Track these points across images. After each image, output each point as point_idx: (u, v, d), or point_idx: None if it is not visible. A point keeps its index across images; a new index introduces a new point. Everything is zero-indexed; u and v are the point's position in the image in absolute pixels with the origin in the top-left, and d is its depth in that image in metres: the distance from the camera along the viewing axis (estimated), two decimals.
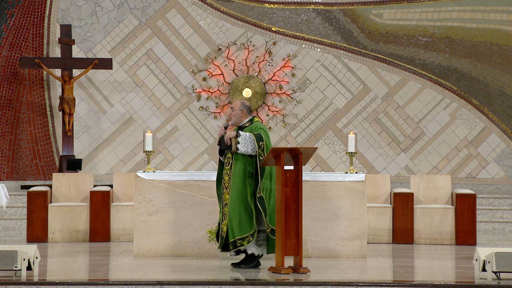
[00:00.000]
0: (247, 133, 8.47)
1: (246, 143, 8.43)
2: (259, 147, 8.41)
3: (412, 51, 15.18)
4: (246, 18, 15.22)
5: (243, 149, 8.43)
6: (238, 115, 8.62)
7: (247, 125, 8.61)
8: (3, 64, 14.79)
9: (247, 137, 8.43)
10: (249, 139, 8.43)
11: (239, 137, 8.44)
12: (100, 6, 15.12)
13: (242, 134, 8.45)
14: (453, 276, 8.43)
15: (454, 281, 7.86)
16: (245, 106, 8.65)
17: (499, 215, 13.08)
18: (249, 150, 8.42)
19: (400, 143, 15.14)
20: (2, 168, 14.70)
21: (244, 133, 8.47)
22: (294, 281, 7.62)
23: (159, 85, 15.16)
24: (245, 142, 8.42)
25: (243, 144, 8.43)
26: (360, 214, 9.54)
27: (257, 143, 8.41)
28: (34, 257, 7.70)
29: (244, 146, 8.42)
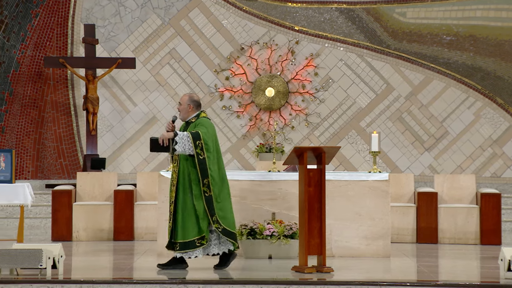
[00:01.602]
0: (185, 133, 8.13)
1: (183, 143, 8.09)
2: (195, 146, 8.08)
3: (436, 50, 15.10)
4: (269, 17, 15.22)
5: (180, 149, 8.08)
6: (185, 110, 8.29)
7: (193, 121, 8.27)
8: (28, 63, 14.90)
9: (184, 137, 8.09)
10: (186, 139, 8.09)
11: (176, 136, 8.10)
12: (124, 6, 15.18)
13: (179, 134, 8.11)
14: (478, 276, 8.38)
15: (479, 281, 7.81)
16: (192, 101, 8.30)
17: None
18: (186, 150, 8.09)
19: (424, 142, 15.07)
20: (27, 167, 14.81)
21: (182, 133, 8.13)
22: (318, 280, 7.60)
23: (182, 84, 15.19)
24: (183, 142, 8.09)
25: (180, 144, 8.08)
26: (383, 214, 9.51)
27: (194, 142, 8.07)
28: (59, 255, 7.74)
29: (181, 146, 8.08)
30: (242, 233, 9.14)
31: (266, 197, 9.51)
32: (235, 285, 7.38)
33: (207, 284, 7.39)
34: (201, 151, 8.12)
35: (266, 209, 9.46)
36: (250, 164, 15.05)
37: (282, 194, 9.50)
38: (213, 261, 8.60)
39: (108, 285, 7.34)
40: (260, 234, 9.11)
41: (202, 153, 8.13)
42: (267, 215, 9.41)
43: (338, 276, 7.89)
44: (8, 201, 9.43)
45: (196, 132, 8.14)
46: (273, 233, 9.09)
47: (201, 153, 8.13)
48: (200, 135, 8.13)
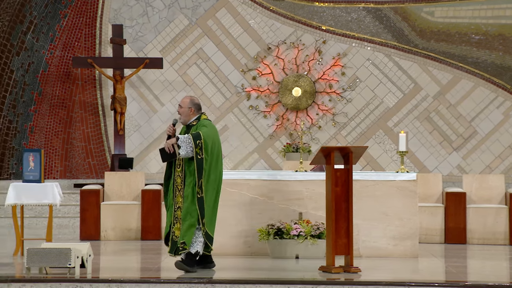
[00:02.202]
0: (186, 135, 8.02)
1: (186, 146, 7.97)
2: (196, 145, 7.95)
3: (464, 49, 15.00)
4: (296, 17, 15.20)
5: (184, 152, 7.96)
6: (186, 113, 8.18)
7: (194, 124, 8.17)
8: (57, 64, 15.01)
9: (185, 139, 7.98)
10: (188, 141, 7.97)
11: (178, 140, 7.98)
12: (151, 6, 15.24)
13: (180, 137, 7.99)
14: (507, 277, 8.31)
15: (508, 282, 7.74)
16: (194, 104, 8.17)
17: None
18: (189, 153, 7.97)
19: (452, 142, 14.97)
20: (55, 166, 14.92)
21: (182, 136, 8.01)
22: (345, 280, 7.58)
23: (209, 84, 15.22)
24: (185, 145, 7.97)
25: (183, 147, 7.97)
26: (411, 214, 9.46)
27: (194, 142, 7.95)
28: (87, 254, 7.79)
29: (184, 149, 7.96)
30: (269, 233, 9.14)
31: (293, 197, 9.50)
32: (262, 285, 7.38)
33: (234, 284, 7.40)
34: (200, 150, 7.98)
35: (293, 209, 9.45)
36: (277, 164, 15.05)
37: (309, 194, 9.49)
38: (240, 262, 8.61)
39: (136, 285, 7.38)
40: (287, 234, 9.10)
41: (200, 153, 7.99)
42: (294, 215, 9.40)
43: (365, 276, 7.86)
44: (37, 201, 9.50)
45: (196, 133, 8.02)
46: (300, 233, 9.08)
47: (200, 152, 7.98)
48: (201, 135, 8.01)
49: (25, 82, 14.72)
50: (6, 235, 11.74)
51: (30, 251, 7.70)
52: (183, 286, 7.38)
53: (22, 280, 7.41)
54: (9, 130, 14.58)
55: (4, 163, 14.50)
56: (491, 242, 10.97)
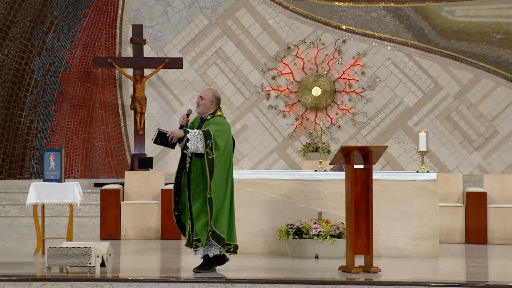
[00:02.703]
0: (196, 130, 7.87)
1: (196, 141, 7.81)
2: (206, 145, 7.81)
3: (485, 49, 14.91)
4: (316, 16, 15.18)
5: (193, 147, 7.81)
6: (206, 105, 7.95)
7: (208, 118, 7.98)
8: (77, 64, 15.08)
9: (196, 135, 7.83)
10: (199, 137, 7.83)
11: (188, 134, 7.82)
12: (171, 6, 15.28)
13: (191, 132, 7.84)
14: None
15: None
16: (215, 98, 7.99)
17: None
18: (199, 148, 7.82)
19: (472, 141, 14.89)
20: (76, 166, 14.99)
21: (193, 131, 7.87)
22: (365, 280, 7.56)
23: (229, 84, 15.24)
24: (195, 140, 7.81)
25: (193, 142, 7.81)
26: (432, 214, 9.42)
27: (205, 141, 7.81)
28: (108, 254, 7.82)
29: (194, 144, 7.81)
30: (288, 232, 9.13)
31: (312, 196, 9.49)
32: (281, 284, 7.38)
33: (253, 284, 7.39)
34: (210, 150, 7.86)
35: (313, 208, 9.44)
36: (296, 163, 15.03)
37: (329, 193, 9.47)
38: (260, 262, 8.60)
39: (156, 284, 7.40)
40: (306, 234, 9.09)
41: (211, 153, 7.86)
42: (313, 215, 9.39)
43: (385, 276, 7.84)
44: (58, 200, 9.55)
45: (207, 131, 7.86)
46: (319, 232, 9.07)
47: (210, 152, 7.86)
48: (211, 134, 7.86)
49: (46, 82, 14.80)
50: (27, 234, 11.81)
51: (51, 250, 7.74)
52: (202, 285, 7.39)
53: (43, 279, 7.45)
54: (30, 130, 14.67)
55: (25, 163, 14.60)
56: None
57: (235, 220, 8.10)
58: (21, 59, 14.54)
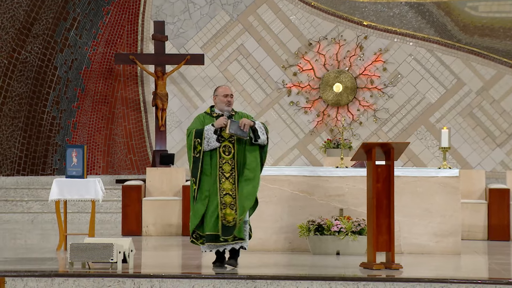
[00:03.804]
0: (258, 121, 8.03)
1: (262, 132, 7.95)
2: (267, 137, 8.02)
3: (508, 44, 14.80)
4: (337, 12, 15.14)
5: (263, 137, 7.94)
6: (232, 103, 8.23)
7: (233, 113, 8.14)
8: (99, 60, 15.14)
9: (260, 125, 7.99)
10: (263, 127, 7.99)
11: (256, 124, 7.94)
12: (193, 3, 15.30)
13: (257, 123, 7.96)
14: None
15: None
16: None
17: None
18: (265, 139, 7.95)
19: (495, 138, 14.79)
20: (98, 162, 15.06)
21: (257, 122, 8.01)
22: (386, 277, 7.54)
23: (250, 80, 15.24)
24: (262, 131, 7.95)
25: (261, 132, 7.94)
26: (454, 210, 9.37)
27: (266, 132, 8.00)
28: (129, 250, 7.85)
29: (263, 134, 7.93)
30: (309, 229, 9.12)
31: (333, 193, 9.47)
32: (303, 281, 7.37)
33: (275, 280, 7.40)
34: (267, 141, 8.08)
35: (334, 205, 9.42)
36: (318, 160, 15.01)
37: (350, 190, 9.45)
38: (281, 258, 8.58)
39: (177, 280, 7.42)
40: (327, 230, 9.08)
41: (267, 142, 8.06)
42: (334, 211, 9.37)
43: (407, 273, 7.81)
44: (80, 196, 9.60)
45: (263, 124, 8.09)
46: (340, 229, 9.05)
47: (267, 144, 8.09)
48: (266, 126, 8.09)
49: (68, 78, 14.88)
50: (50, 230, 11.89)
51: (73, 246, 7.78)
52: (224, 281, 7.40)
53: (65, 275, 7.50)
54: (53, 126, 14.76)
55: (47, 159, 14.69)
56: None
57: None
58: (44, 55, 14.62)
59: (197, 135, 7.93)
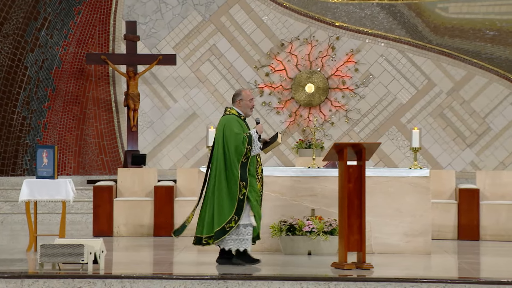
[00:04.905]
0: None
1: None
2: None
3: (478, 45, 14.93)
4: (309, 13, 15.18)
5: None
6: None
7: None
8: (70, 60, 15.05)
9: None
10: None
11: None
12: (165, 3, 15.26)
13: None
14: None
15: None
16: None
17: None
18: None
19: (465, 138, 14.91)
20: (69, 163, 14.97)
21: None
22: (357, 277, 7.57)
23: (222, 80, 15.23)
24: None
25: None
26: (424, 210, 9.43)
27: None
28: (100, 250, 7.81)
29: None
30: (281, 229, 9.14)
31: (305, 193, 9.49)
32: (274, 281, 7.38)
33: (246, 280, 7.40)
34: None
35: (306, 205, 9.44)
36: (290, 160, 15.04)
37: (322, 190, 9.48)
38: None
39: (148, 281, 7.40)
40: (299, 231, 9.10)
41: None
42: (306, 212, 9.40)
43: (378, 273, 7.84)
44: (50, 197, 9.54)
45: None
46: (312, 229, 9.07)
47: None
48: None
49: (39, 78, 14.77)
50: (20, 231, 11.79)
51: (43, 247, 7.73)
52: (195, 282, 7.39)
53: (35, 276, 7.44)
54: (23, 126, 14.64)
55: (18, 160, 14.57)
56: (504, 238, 10.91)
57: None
58: (14, 55, 14.50)
59: (250, 141, 8.27)
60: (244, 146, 8.18)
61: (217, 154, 8.28)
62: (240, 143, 8.18)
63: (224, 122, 8.33)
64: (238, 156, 8.17)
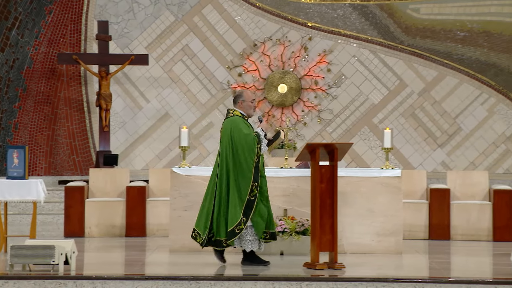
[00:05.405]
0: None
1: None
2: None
3: (449, 46, 15.04)
4: (282, 13, 15.20)
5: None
6: None
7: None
8: (42, 60, 14.95)
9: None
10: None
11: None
12: (137, 2, 15.20)
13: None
14: (490, 273, 8.35)
15: (491, 278, 7.78)
16: None
17: None
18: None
19: (436, 138, 15.02)
20: (40, 163, 14.87)
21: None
22: (329, 277, 7.60)
23: (195, 80, 15.20)
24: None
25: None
26: (395, 210, 9.49)
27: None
28: (71, 251, 7.77)
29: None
30: None
31: (278, 193, 9.50)
32: (246, 281, 7.39)
33: (218, 280, 7.40)
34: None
35: (278, 205, 9.45)
36: None
37: (294, 190, 9.50)
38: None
39: (120, 281, 7.37)
40: None
41: None
42: (279, 212, 9.41)
43: (349, 273, 7.88)
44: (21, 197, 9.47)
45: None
46: (284, 229, 9.09)
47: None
48: None
49: (10, 78, 14.66)
50: None
51: (13, 248, 7.67)
52: (167, 282, 7.38)
53: (5, 277, 7.39)
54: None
55: None
56: (474, 238, 11.01)
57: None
58: None
59: (259, 140, 8.29)
60: (255, 145, 8.20)
61: (224, 156, 8.24)
62: (252, 143, 8.19)
63: (230, 125, 8.28)
64: (252, 156, 8.15)
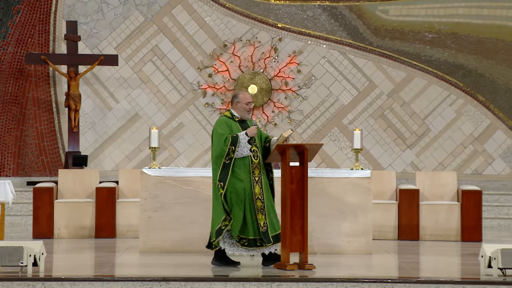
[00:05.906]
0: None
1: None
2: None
3: (418, 47, 15.15)
4: (252, 14, 15.22)
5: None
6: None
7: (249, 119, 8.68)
8: (9, 60, 14.82)
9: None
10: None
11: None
12: (106, 3, 15.13)
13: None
14: (459, 273, 8.43)
15: (460, 278, 7.86)
16: None
17: (504, 212, 13.06)
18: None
19: (405, 139, 15.12)
20: (8, 164, 14.74)
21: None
22: (300, 277, 7.62)
23: (165, 81, 15.16)
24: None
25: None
26: (365, 211, 9.54)
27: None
28: (40, 253, 7.71)
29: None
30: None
31: None
32: (216, 282, 7.38)
33: (189, 282, 7.39)
34: None
35: None
36: None
37: None
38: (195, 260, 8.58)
39: (89, 283, 7.33)
40: None
41: None
42: None
43: (320, 273, 7.91)
44: None
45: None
46: None
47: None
48: None
49: None
50: None
51: None
52: (137, 284, 7.35)
53: None
54: None
55: None
56: (443, 238, 11.10)
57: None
58: None
59: (233, 142, 8.14)
60: (226, 146, 8.14)
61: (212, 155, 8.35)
62: (222, 142, 8.17)
63: (215, 125, 8.41)
64: (219, 156, 8.13)
